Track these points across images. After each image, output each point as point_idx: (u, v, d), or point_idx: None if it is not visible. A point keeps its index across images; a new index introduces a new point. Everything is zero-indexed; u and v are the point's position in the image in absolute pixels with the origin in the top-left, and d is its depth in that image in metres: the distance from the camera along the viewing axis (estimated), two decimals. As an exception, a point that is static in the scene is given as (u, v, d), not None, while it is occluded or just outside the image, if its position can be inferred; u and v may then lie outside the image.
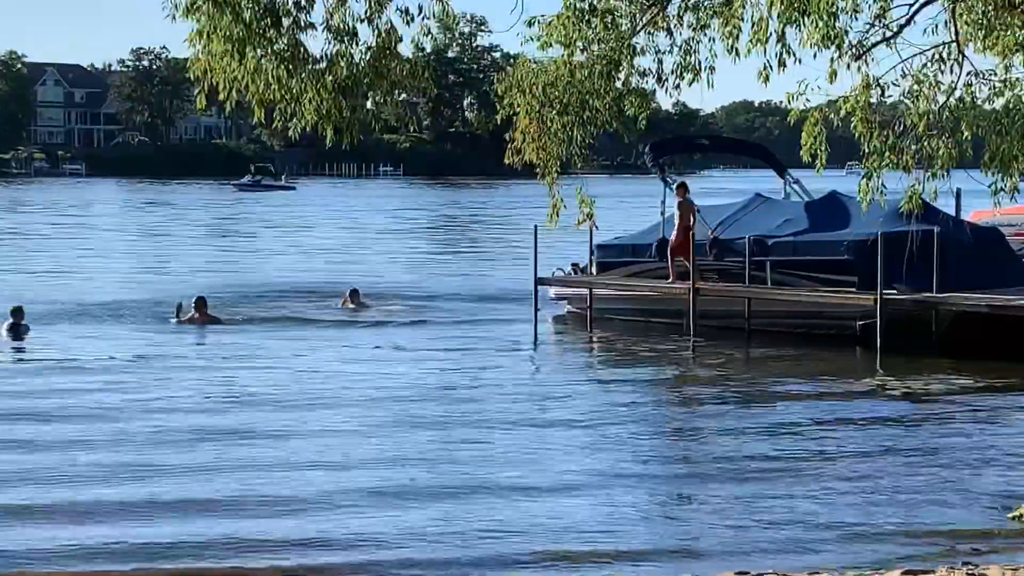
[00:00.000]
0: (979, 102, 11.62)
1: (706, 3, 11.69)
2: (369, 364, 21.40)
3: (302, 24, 10.07)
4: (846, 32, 10.96)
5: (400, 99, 11.24)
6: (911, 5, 11.20)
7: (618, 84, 12.41)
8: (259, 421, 16.39)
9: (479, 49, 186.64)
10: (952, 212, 23.69)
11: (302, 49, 10.13)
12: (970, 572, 10.09)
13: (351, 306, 28.31)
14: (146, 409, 16.99)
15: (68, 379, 19.41)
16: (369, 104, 11.36)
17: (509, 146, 12.95)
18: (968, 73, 11.42)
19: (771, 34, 10.90)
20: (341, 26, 10.12)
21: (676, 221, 25.13)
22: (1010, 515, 11.94)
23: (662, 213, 26.47)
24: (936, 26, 11.35)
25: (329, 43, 10.21)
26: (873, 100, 11.42)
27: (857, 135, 11.42)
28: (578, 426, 16.30)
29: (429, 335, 24.99)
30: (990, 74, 11.50)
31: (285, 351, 22.60)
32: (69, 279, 35.53)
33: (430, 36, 10.40)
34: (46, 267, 39.70)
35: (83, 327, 25.34)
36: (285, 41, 10.05)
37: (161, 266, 40.92)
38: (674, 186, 25.88)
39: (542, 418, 16.83)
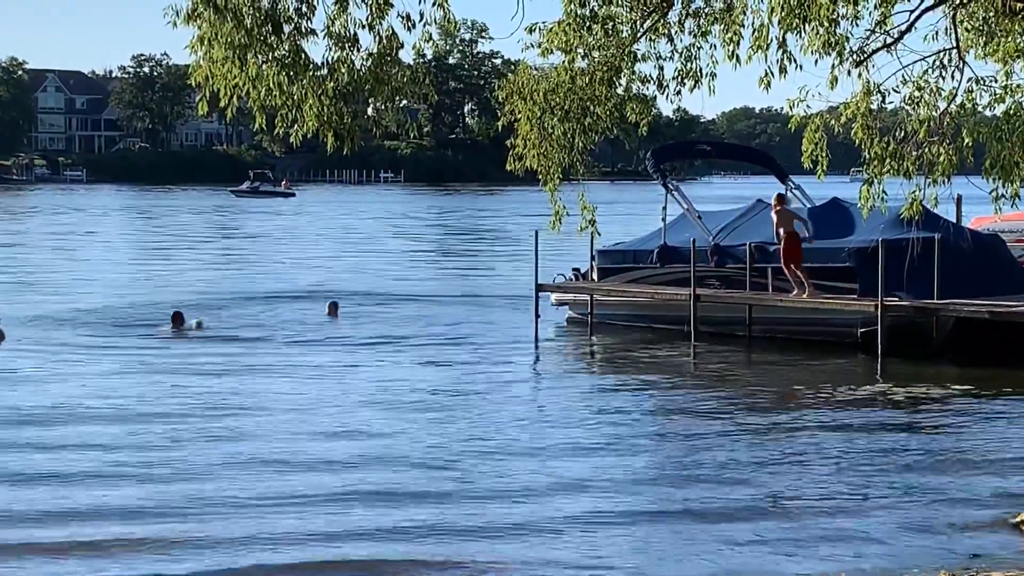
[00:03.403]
0: (980, 108, 11.64)
1: (707, 10, 11.70)
2: (368, 372, 21.38)
3: (303, 30, 10.08)
4: (847, 38, 10.99)
5: (401, 105, 11.25)
6: (912, 11, 11.22)
7: (619, 90, 12.43)
8: (251, 428, 16.36)
9: (480, 55, 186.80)
10: (953, 218, 23.69)
11: (303, 55, 10.14)
12: (971, 578, 10.09)
13: (334, 318, 28.23)
14: (116, 417, 16.80)
15: (35, 388, 19.18)
16: (370, 110, 11.37)
17: (510, 152, 12.96)
18: (969, 79, 11.44)
19: (772, 40, 10.91)
20: (342, 32, 10.13)
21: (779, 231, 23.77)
22: (1012, 520, 11.93)
23: (663, 219, 26.49)
24: (937, 32, 11.38)
25: (330, 49, 10.22)
26: (874, 106, 11.43)
27: (858, 141, 11.42)
28: (577, 432, 16.25)
29: (428, 340, 24.96)
30: (991, 80, 11.52)
31: (270, 362, 22.26)
32: (55, 286, 35.34)
33: (431, 42, 10.40)
34: (33, 274, 39.55)
35: (62, 335, 25.09)
36: (286, 47, 10.06)
37: (150, 273, 40.69)
38: (771, 199, 24.66)
39: (541, 424, 16.80)
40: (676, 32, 11.90)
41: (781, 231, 23.65)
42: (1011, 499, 12.84)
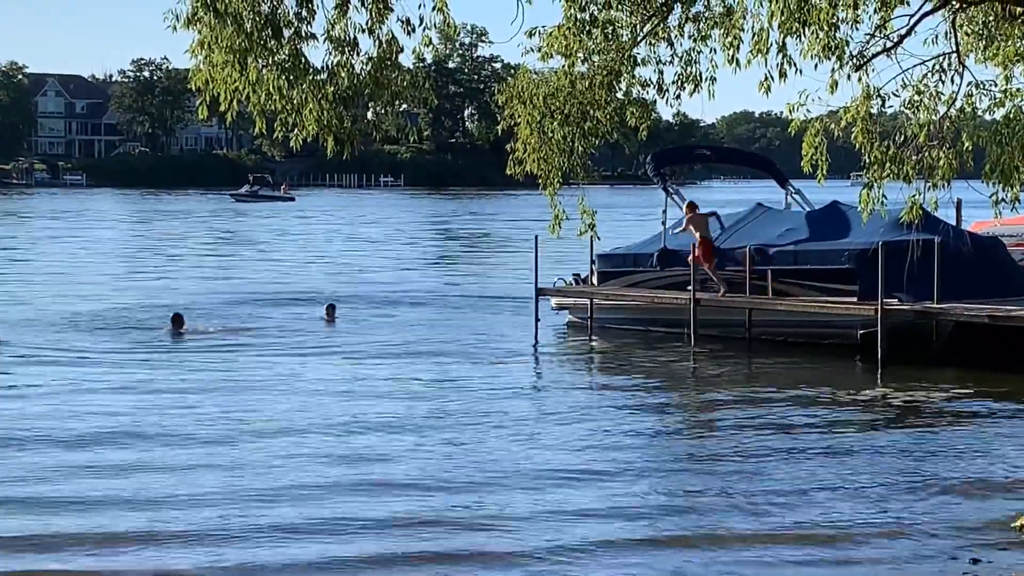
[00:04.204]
0: (980, 112, 11.65)
1: (707, 14, 11.72)
2: (366, 379, 21.33)
3: (303, 35, 10.10)
4: (847, 43, 11.00)
5: (401, 109, 11.25)
6: (912, 16, 11.23)
7: (619, 94, 12.44)
8: (250, 438, 16.22)
9: (480, 60, 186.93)
10: (953, 222, 23.69)
11: (303, 59, 10.16)
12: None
13: (331, 321, 28.22)
14: (115, 432, 16.41)
15: (33, 398, 18.89)
16: (370, 114, 11.38)
17: (510, 157, 12.97)
18: (969, 84, 11.46)
19: (772, 45, 10.93)
20: (342, 37, 10.15)
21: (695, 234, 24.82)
22: (1013, 524, 11.92)
23: (663, 223, 26.49)
24: (936, 36, 11.40)
25: (330, 54, 10.24)
26: (874, 111, 11.44)
27: (858, 146, 11.43)
28: (577, 453, 15.95)
29: (427, 345, 24.93)
30: (991, 85, 11.53)
31: (270, 366, 22.12)
32: (53, 290, 35.20)
33: (431, 47, 10.41)
34: (31, 278, 39.43)
35: (59, 339, 24.99)
36: (286, 51, 10.08)
37: (148, 277, 40.61)
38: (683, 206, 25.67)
39: (541, 428, 16.74)
40: (676, 36, 11.92)
41: (697, 235, 24.58)
42: (1012, 503, 12.83)
